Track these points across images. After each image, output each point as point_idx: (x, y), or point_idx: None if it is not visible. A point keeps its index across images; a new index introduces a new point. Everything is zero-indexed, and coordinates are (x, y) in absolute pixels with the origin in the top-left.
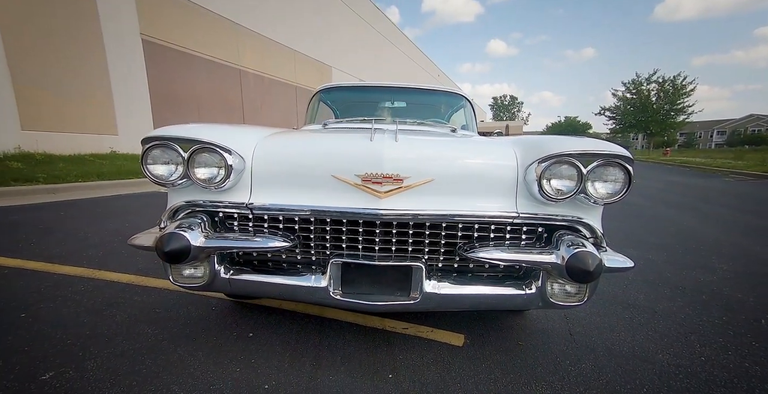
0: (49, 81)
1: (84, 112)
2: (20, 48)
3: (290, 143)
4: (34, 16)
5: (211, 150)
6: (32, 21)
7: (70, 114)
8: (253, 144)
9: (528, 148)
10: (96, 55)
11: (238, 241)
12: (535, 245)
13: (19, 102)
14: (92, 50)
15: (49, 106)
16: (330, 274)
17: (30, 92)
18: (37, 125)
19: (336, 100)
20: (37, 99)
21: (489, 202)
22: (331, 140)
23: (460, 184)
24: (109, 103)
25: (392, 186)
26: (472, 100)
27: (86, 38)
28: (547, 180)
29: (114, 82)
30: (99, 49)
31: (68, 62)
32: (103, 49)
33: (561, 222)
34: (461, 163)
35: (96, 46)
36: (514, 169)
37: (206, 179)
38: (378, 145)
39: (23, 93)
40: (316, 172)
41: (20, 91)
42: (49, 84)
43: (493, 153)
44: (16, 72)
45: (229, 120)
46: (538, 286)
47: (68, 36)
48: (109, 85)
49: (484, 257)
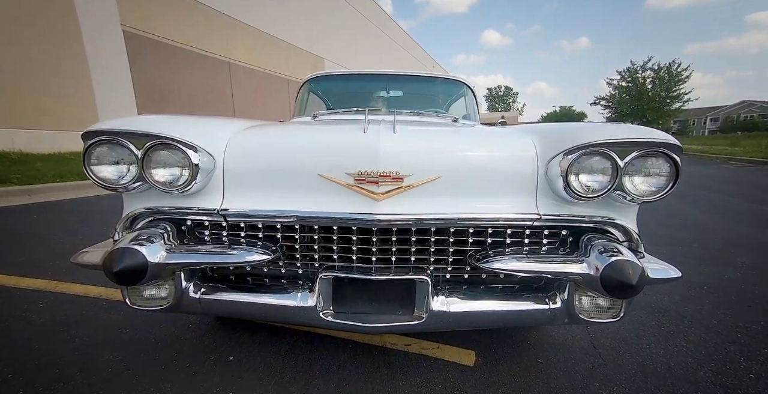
0: (25, 75)
1: (63, 108)
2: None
3: (269, 138)
4: (4, 7)
5: (171, 147)
6: (2, 12)
7: (49, 110)
8: (224, 139)
9: (550, 138)
10: (74, 48)
11: (208, 255)
12: (558, 251)
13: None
14: (70, 43)
15: (26, 101)
16: (319, 291)
17: (3, 87)
18: (12, 122)
19: (327, 90)
20: (11, 94)
21: (505, 202)
22: (317, 133)
23: (470, 182)
24: (90, 99)
25: (391, 186)
26: (473, 88)
27: (63, 30)
28: (574, 175)
29: (95, 77)
30: (77, 41)
31: (45, 56)
32: (81, 42)
33: (589, 224)
34: (472, 157)
35: (74, 38)
36: (534, 162)
37: (167, 182)
38: (373, 137)
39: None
40: (300, 172)
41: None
42: (24, 78)
43: (509, 145)
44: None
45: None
46: (564, 299)
47: (43, 28)
48: (89, 80)
49: (501, 268)
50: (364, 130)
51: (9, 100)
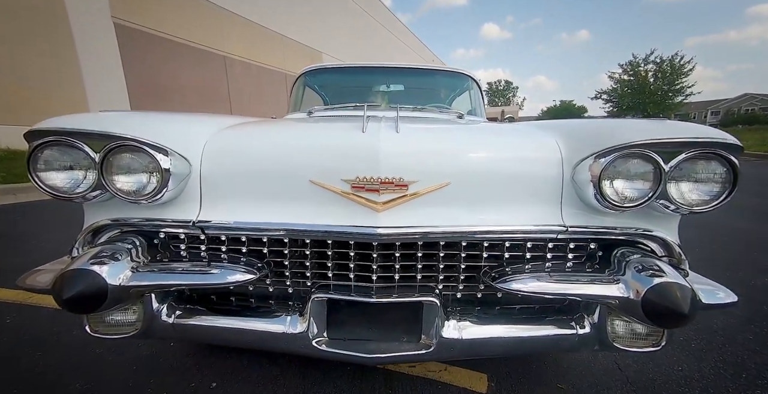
0: (11, 70)
1: (52, 103)
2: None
3: (253, 138)
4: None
5: (135, 149)
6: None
7: (38, 105)
8: (201, 140)
9: (577, 138)
10: (63, 41)
11: (182, 275)
12: (585, 267)
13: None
14: (59, 36)
15: (12, 96)
16: (311, 314)
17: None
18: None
19: (323, 84)
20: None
21: (525, 211)
22: (308, 133)
23: (485, 189)
24: (81, 94)
25: (393, 194)
26: (479, 81)
27: (51, 22)
28: (608, 181)
29: (85, 71)
30: (66, 34)
31: (33, 49)
32: (70, 34)
33: (622, 237)
34: (487, 160)
35: (63, 30)
36: (558, 166)
37: (131, 191)
38: (372, 138)
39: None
40: (289, 178)
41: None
42: (10, 73)
43: (529, 145)
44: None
45: (215, 111)
46: (594, 323)
47: (31, 21)
48: (80, 74)
49: (522, 290)
50: (362, 130)
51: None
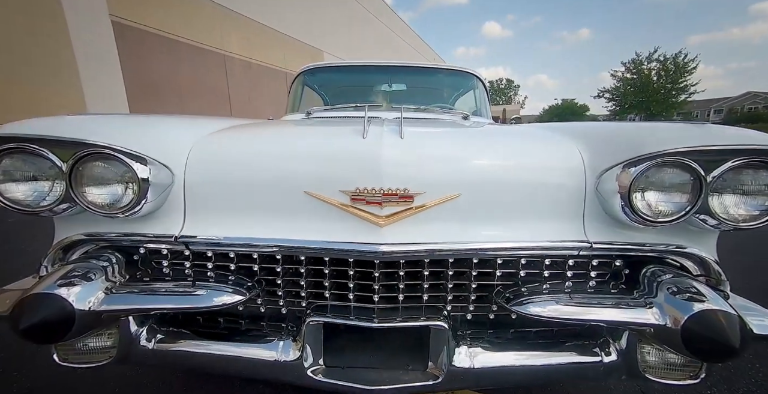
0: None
1: (48, 102)
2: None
3: (243, 144)
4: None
5: (108, 157)
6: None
7: (32, 104)
8: (186, 146)
9: (601, 144)
10: (59, 39)
11: (163, 297)
12: (609, 286)
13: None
14: (55, 33)
15: (7, 96)
16: (305, 340)
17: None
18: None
19: (323, 83)
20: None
21: (543, 226)
22: (303, 139)
23: (499, 201)
24: (78, 93)
25: (398, 207)
26: (484, 80)
27: (47, 20)
28: (639, 193)
29: (82, 70)
30: (62, 31)
31: (26, 47)
32: (66, 32)
33: (652, 254)
34: (502, 169)
35: (59, 28)
36: (580, 175)
37: (105, 204)
38: (374, 144)
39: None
40: (282, 188)
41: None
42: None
43: (547, 152)
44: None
45: (215, 111)
46: (621, 349)
47: (25, 17)
48: (77, 73)
49: (541, 315)
50: (363, 135)
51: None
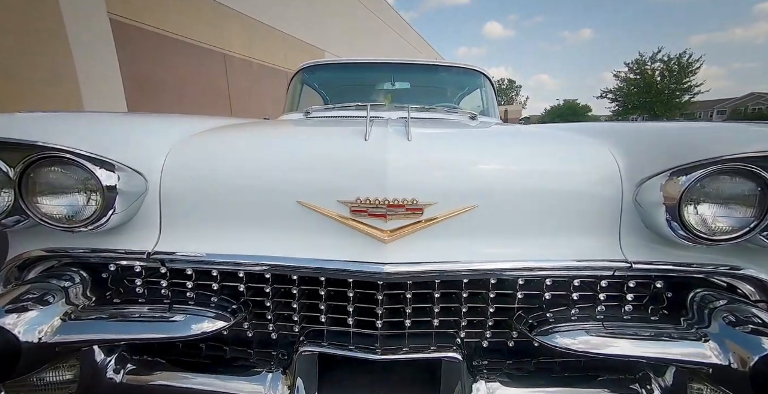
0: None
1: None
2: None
3: (229, 147)
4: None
5: (66, 161)
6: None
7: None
8: (163, 148)
9: (641, 146)
10: (56, 36)
11: (132, 325)
12: (648, 311)
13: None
14: (51, 30)
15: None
16: (297, 372)
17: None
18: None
19: (323, 81)
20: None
21: (573, 242)
22: (297, 141)
23: (522, 213)
24: (75, 89)
25: (404, 220)
26: (492, 78)
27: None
28: (692, 205)
29: (79, 68)
30: (59, 28)
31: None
32: (63, 29)
33: (700, 275)
34: (523, 176)
35: (55, 25)
36: (615, 183)
37: (62, 216)
38: (378, 147)
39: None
40: (271, 198)
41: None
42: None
43: (575, 156)
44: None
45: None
46: (666, 387)
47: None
48: (74, 72)
49: (570, 347)
50: (365, 137)
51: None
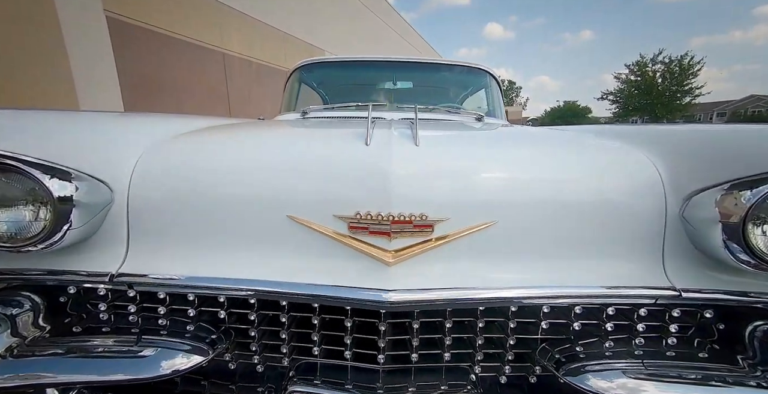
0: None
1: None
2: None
3: (209, 151)
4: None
5: (5, 168)
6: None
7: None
8: (133, 153)
9: (687, 154)
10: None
11: (91, 362)
12: (694, 344)
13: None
14: (46, 28)
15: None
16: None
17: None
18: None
19: (321, 80)
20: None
21: (606, 264)
22: (289, 145)
23: (548, 231)
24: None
25: (412, 239)
26: (498, 78)
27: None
28: (756, 225)
29: (74, 65)
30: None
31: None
32: (58, 26)
33: (759, 305)
34: (551, 187)
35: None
36: (658, 196)
37: (3, 233)
38: (380, 153)
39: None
40: (259, 211)
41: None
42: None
43: (607, 165)
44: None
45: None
46: None
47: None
48: (69, 69)
49: (604, 392)
50: (365, 141)
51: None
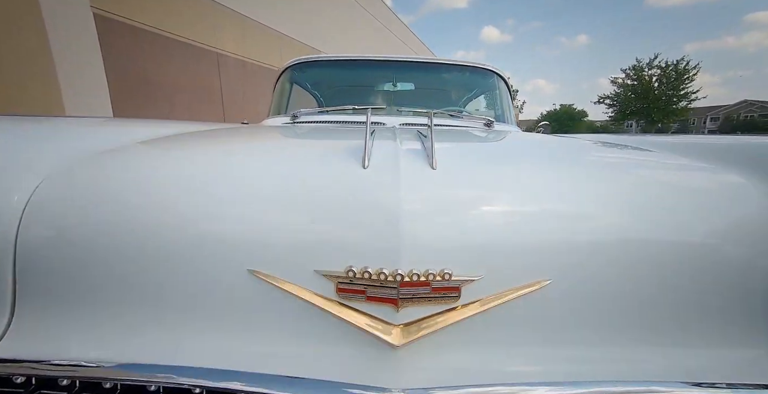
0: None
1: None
2: None
3: (145, 175)
4: None
5: None
6: None
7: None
8: (29, 180)
9: None
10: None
11: None
12: None
13: None
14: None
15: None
16: None
17: None
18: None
19: (315, 81)
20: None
21: (715, 352)
22: (260, 166)
23: (627, 296)
24: (56, 90)
25: (429, 307)
26: (507, 79)
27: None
28: None
29: (59, 65)
30: (37, 23)
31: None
32: (42, 24)
33: None
34: (626, 230)
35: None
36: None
37: None
38: (383, 181)
39: None
40: (209, 265)
41: None
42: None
43: (704, 200)
44: None
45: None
46: None
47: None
48: (54, 69)
49: None
50: (363, 164)
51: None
